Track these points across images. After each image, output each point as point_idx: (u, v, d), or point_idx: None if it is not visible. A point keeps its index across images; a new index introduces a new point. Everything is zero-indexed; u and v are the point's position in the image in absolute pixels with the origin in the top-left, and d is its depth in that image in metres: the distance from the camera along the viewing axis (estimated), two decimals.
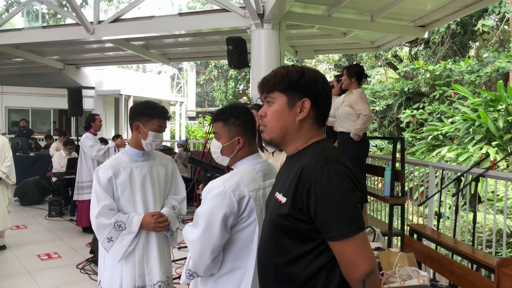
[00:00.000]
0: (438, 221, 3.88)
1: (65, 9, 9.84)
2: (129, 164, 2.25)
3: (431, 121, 11.50)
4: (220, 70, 19.86)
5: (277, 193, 1.30)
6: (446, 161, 8.15)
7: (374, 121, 15.03)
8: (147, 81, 16.48)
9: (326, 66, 19.61)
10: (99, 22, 7.44)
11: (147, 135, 2.19)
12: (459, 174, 3.85)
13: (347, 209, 1.17)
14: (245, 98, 6.87)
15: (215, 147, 1.76)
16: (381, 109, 14.55)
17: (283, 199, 1.25)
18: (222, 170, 1.91)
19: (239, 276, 1.60)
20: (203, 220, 1.56)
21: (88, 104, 12.74)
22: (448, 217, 4.72)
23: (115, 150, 5.17)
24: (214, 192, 1.58)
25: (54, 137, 9.88)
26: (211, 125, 1.78)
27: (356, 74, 4.16)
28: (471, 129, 8.71)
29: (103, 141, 6.79)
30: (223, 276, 1.61)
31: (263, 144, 1.62)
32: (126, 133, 14.11)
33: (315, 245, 1.22)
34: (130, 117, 2.26)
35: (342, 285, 1.22)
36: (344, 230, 1.15)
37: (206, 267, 1.57)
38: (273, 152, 3.10)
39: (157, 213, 2.25)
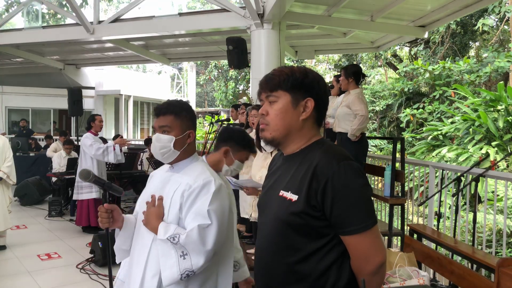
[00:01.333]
0: (438, 221, 3.87)
1: (65, 9, 9.84)
2: None
3: (431, 120, 11.48)
4: (220, 70, 19.86)
5: (282, 191, 1.29)
6: (446, 161, 8.14)
7: (374, 121, 15.02)
8: (147, 81, 16.49)
9: (326, 66, 19.60)
10: (99, 22, 7.44)
11: (233, 162, 2.16)
12: (459, 174, 3.84)
13: (363, 203, 1.21)
14: (245, 98, 6.88)
15: (165, 141, 1.68)
16: (381, 109, 14.54)
17: (293, 197, 1.25)
18: (119, 192, 1.88)
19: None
20: (215, 217, 1.58)
21: (88, 104, 12.74)
22: (448, 217, 4.72)
23: (114, 149, 5.16)
24: (211, 188, 1.61)
25: (54, 137, 9.88)
26: (157, 118, 1.70)
27: (353, 74, 4.16)
28: (471, 129, 8.70)
29: (103, 141, 6.78)
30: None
31: (262, 144, 1.63)
32: (126, 133, 14.12)
33: (327, 241, 1.23)
34: (223, 138, 2.20)
35: (351, 279, 1.25)
36: (362, 223, 1.19)
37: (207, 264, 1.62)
38: (271, 152, 3.11)
39: None
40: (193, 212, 1.60)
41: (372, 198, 5.24)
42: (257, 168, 3.31)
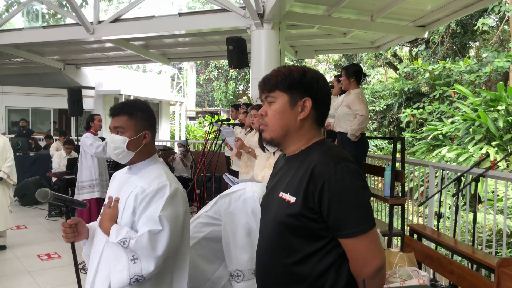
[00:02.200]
0: (438, 221, 3.88)
1: (65, 9, 9.83)
2: None
3: (431, 120, 11.49)
4: (220, 70, 19.84)
5: (281, 193, 1.29)
6: (446, 161, 8.14)
7: (374, 121, 15.02)
8: (147, 81, 16.46)
9: (326, 66, 19.60)
10: (99, 22, 7.43)
11: None
12: (459, 174, 3.84)
13: (361, 206, 1.19)
14: (245, 98, 6.88)
15: (118, 142, 1.66)
16: (381, 109, 14.54)
17: (292, 199, 1.24)
18: (84, 205, 1.87)
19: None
20: (167, 223, 1.55)
21: (88, 104, 12.73)
22: (448, 217, 4.72)
23: None
24: (166, 193, 1.58)
25: (54, 137, 9.87)
26: (112, 118, 1.72)
27: (354, 74, 4.16)
28: (471, 129, 8.70)
29: (103, 140, 6.78)
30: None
31: (264, 144, 1.63)
32: None
33: (325, 243, 1.23)
34: None
35: (350, 281, 1.24)
36: (359, 226, 1.18)
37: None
38: (274, 152, 3.11)
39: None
40: (145, 217, 1.58)
41: (372, 198, 5.28)
42: (260, 168, 3.31)
